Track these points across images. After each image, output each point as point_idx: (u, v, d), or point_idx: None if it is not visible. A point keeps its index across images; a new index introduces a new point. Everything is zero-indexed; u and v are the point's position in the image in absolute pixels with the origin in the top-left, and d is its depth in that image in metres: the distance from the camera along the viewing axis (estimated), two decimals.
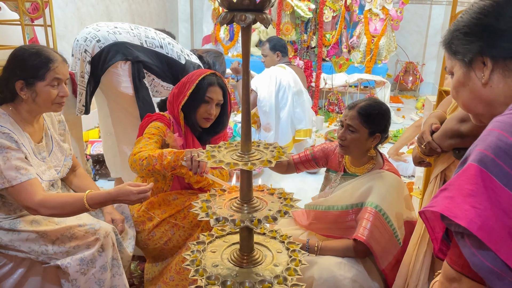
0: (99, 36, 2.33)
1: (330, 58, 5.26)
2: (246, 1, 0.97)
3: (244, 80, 1.07)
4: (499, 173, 0.72)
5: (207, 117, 1.89)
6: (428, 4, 6.31)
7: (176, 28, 6.59)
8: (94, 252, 1.55)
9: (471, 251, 0.72)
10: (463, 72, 0.95)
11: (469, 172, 0.75)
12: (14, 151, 1.49)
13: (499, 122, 0.77)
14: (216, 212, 1.12)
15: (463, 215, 0.72)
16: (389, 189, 1.65)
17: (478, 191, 0.73)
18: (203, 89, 1.85)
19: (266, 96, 3.44)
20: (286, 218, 1.14)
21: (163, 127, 1.87)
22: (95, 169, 3.29)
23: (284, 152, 1.16)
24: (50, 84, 1.57)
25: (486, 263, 0.70)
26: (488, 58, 0.89)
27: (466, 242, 0.73)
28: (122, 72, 2.35)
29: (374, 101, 1.74)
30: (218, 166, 1.09)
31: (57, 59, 1.59)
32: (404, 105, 5.70)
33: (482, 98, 0.92)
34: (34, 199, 1.47)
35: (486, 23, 0.90)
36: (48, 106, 1.61)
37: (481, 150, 0.76)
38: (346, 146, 1.71)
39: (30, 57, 1.55)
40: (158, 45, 2.50)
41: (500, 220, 0.70)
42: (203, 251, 1.25)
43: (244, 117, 1.08)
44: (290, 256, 1.24)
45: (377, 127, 1.68)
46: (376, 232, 1.59)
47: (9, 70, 1.56)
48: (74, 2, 3.97)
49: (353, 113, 1.69)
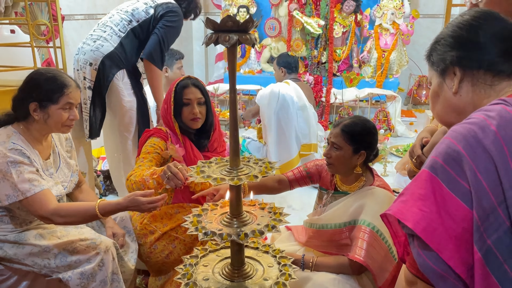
0: (88, 59, 2.43)
1: (341, 73, 5.28)
2: (230, 22, 1.01)
3: (230, 97, 1.10)
4: (447, 178, 0.76)
5: (193, 117, 1.96)
6: (440, 18, 6.30)
7: (190, 46, 6.73)
8: (94, 266, 1.59)
9: (417, 252, 0.76)
10: (437, 83, 1.00)
11: (421, 177, 0.79)
12: (27, 165, 1.57)
13: (452, 131, 0.81)
14: (205, 226, 1.15)
15: (411, 217, 0.76)
16: (381, 205, 1.65)
17: (427, 195, 0.77)
18: (179, 93, 1.95)
19: (266, 111, 3.50)
20: (273, 232, 1.16)
21: (160, 142, 1.93)
22: (106, 184, 3.35)
23: (272, 167, 1.18)
24: (63, 108, 1.66)
25: (430, 263, 0.74)
26: (457, 68, 0.94)
27: (414, 243, 0.77)
28: (123, 85, 2.48)
29: (358, 119, 1.75)
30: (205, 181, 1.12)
31: (71, 85, 1.68)
32: (417, 119, 5.65)
33: (454, 107, 0.96)
34: (48, 208, 1.55)
35: (460, 35, 0.95)
36: (58, 127, 1.70)
37: (433, 157, 0.80)
38: (332, 163, 1.73)
39: (46, 82, 1.64)
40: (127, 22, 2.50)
41: (445, 223, 0.74)
42: (195, 264, 1.27)
43: (232, 134, 1.11)
44: (281, 270, 1.25)
45: (361, 144, 1.70)
46: (372, 251, 1.59)
47: (25, 91, 1.65)
48: (89, 24, 4.11)
49: (337, 131, 1.71)
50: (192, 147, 1.99)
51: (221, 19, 1.01)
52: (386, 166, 3.70)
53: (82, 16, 4.06)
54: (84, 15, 4.08)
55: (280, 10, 5.31)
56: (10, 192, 1.54)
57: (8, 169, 1.53)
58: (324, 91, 5.12)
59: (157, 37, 2.42)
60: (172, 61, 3.37)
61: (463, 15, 0.98)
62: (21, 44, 2.35)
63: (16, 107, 1.66)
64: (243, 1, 5.37)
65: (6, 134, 1.61)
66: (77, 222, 1.63)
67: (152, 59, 2.45)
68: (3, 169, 1.53)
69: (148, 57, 2.45)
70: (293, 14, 5.09)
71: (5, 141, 1.58)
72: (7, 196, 1.54)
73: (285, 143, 3.54)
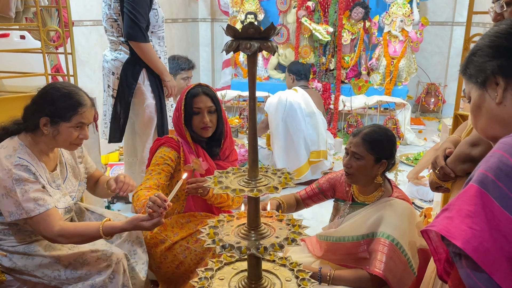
0: (111, 69, 2.54)
1: (349, 80, 5.25)
2: (251, 29, 0.98)
3: (250, 106, 1.07)
4: (499, 195, 0.71)
5: (203, 126, 1.93)
6: (449, 25, 6.27)
7: (197, 52, 6.73)
8: (105, 279, 1.56)
9: (466, 273, 0.72)
10: (478, 95, 0.96)
11: (469, 193, 0.75)
12: (32, 184, 1.52)
13: (502, 144, 0.77)
14: (223, 238, 1.11)
15: (460, 235, 0.72)
16: (401, 217, 1.61)
17: (477, 212, 0.73)
18: (189, 102, 1.92)
19: (274, 119, 3.50)
20: (293, 246, 1.12)
21: (171, 152, 1.91)
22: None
23: (291, 178, 1.14)
24: (74, 127, 1.61)
25: (481, 285, 0.70)
26: (500, 77, 0.90)
27: (463, 263, 0.73)
28: (145, 87, 2.55)
29: (378, 127, 1.72)
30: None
31: (86, 104, 1.63)
32: (426, 127, 5.60)
33: (498, 119, 0.92)
34: (52, 230, 1.51)
35: (500, 44, 0.92)
36: (66, 145, 1.66)
37: (483, 171, 0.75)
38: (352, 174, 1.69)
39: (61, 98, 1.59)
40: (116, 24, 2.52)
41: (497, 242, 0.70)
42: (211, 278, 1.23)
43: (250, 143, 1.08)
44: (299, 284, 1.21)
45: (382, 153, 1.66)
46: (391, 264, 1.55)
47: (38, 104, 1.61)
48: (98, 30, 4.10)
49: (358, 140, 1.67)
50: (205, 155, 1.96)
51: (242, 26, 0.98)
52: (397, 175, 3.65)
53: (91, 22, 4.06)
54: (93, 21, 4.08)
55: (288, 16, 5.30)
56: (13, 209, 1.50)
57: (13, 187, 1.48)
58: (333, 98, 5.09)
59: (127, 15, 2.41)
60: (177, 70, 3.31)
61: (498, 25, 0.96)
62: (32, 50, 2.34)
63: (26, 118, 1.62)
64: (251, 7, 5.36)
65: (12, 147, 1.57)
66: (82, 242, 1.59)
67: (132, 36, 2.43)
68: (8, 186, 1.49)
69: (128, 37, 2.44)
70: (301, 21, 5.08)
71: (11, 155, 1.53)
72: (10, 213, 1.51)
73: (294, 150, 3.51)
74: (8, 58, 2.46)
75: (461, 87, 1.90)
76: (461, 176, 1.36)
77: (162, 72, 2.57)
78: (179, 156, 1.91)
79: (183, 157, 1.91)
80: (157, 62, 2.53)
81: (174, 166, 1.89)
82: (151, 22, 2.50)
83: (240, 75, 5.76)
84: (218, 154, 2.02)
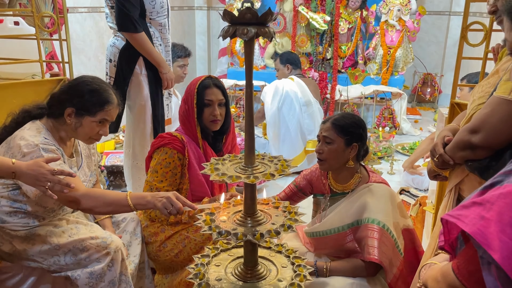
0: (108, 55, 2.48)
1: (346, 69, 5.24)
2: (248, 15, 0.97)
3: (247, 92, 1.07)
4: None
5: (213, 119, 1.89)
6: (446, 15, 6.25)
7: (193, 40, 6.68)
8: (103, 266, 1.56)
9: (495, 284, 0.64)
10: None
11: None
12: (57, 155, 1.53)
13: None
14: (219, 225, 1.12)
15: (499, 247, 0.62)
16: (383, 200, 1.63)
17: None
18: (201, 94, 1.88)
19: (270, 108, 3.49)
20: (290, 232, 1.13)
21: (175, 155, 1.85)
22: (109, 180, 3.32)
23: (288, 166, 1.15)
24: (97, 122, 1.62)
25: None
26: None
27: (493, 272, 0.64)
28: (143, 78, 2.49)
29: (347, 113, 1.82)
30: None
31: (113, 103, 1.65)
32: (422, 117, 5.62)
33: None
34: (78, 190, 1.50)
35: None
36: (85, 138, 1.67)
37: None
38: (325, 159, 1.71)
39: (91, 93, 1.61)
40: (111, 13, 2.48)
41: None
42: (207, 264, 1.24)
43: (247, 130, 1.08)
44: (295, 271, 1.22)
45: (352, 136, 1.69)
46: (384, 248, 1.56)
47: (67, 94, 1.62)
48: (93, 17, 4.06)
49: (328, 125, 1.72)
50: (212, 152, 1.94)
51: (239, 11, 0.97)
52: (392, 164, 3.67)
53: (85, 9, 4.01)
54: (88, 8, 4.03)
55: (285, 5, 5.26)
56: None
57: (40, 154, 1.48)
58: (329, 87, 5.08)
59: (117, 5, 2.34)
60: (173, 58, 3.21)
61: None
62: (26, 36, 2.31)
63: (52, 105, 1.64)
64: None
65: (36, 129, 1.59)
66: (105, 207, 1.54)
67: (124, 27, 2.37)
68: (35, 155, 1.48)
69: (120, 28, 2.39)
70: (298, 10, 5.05)
71: (36, 135, 1.55)
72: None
73: (290, 139, 3.52)
74: (2, 45, 2.44)
75: (457, 76, 1.90)
76: (460, 164, 1.36)
77: (158, 63, 2.48)
78: (184, 157, 1.86)
79: (187, 158, 1.86)
80: (152, 52, 2.45)
81: (180, 170, 1.87)
82: (147, 9, 2.40)
83: (236, 64, 5.73)
84: (221, 150, 2.00)
